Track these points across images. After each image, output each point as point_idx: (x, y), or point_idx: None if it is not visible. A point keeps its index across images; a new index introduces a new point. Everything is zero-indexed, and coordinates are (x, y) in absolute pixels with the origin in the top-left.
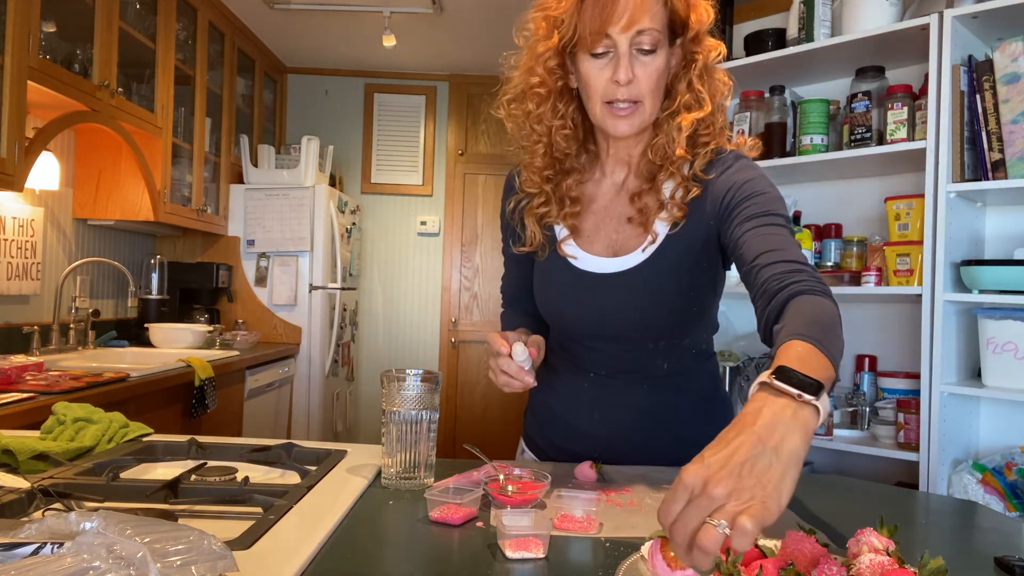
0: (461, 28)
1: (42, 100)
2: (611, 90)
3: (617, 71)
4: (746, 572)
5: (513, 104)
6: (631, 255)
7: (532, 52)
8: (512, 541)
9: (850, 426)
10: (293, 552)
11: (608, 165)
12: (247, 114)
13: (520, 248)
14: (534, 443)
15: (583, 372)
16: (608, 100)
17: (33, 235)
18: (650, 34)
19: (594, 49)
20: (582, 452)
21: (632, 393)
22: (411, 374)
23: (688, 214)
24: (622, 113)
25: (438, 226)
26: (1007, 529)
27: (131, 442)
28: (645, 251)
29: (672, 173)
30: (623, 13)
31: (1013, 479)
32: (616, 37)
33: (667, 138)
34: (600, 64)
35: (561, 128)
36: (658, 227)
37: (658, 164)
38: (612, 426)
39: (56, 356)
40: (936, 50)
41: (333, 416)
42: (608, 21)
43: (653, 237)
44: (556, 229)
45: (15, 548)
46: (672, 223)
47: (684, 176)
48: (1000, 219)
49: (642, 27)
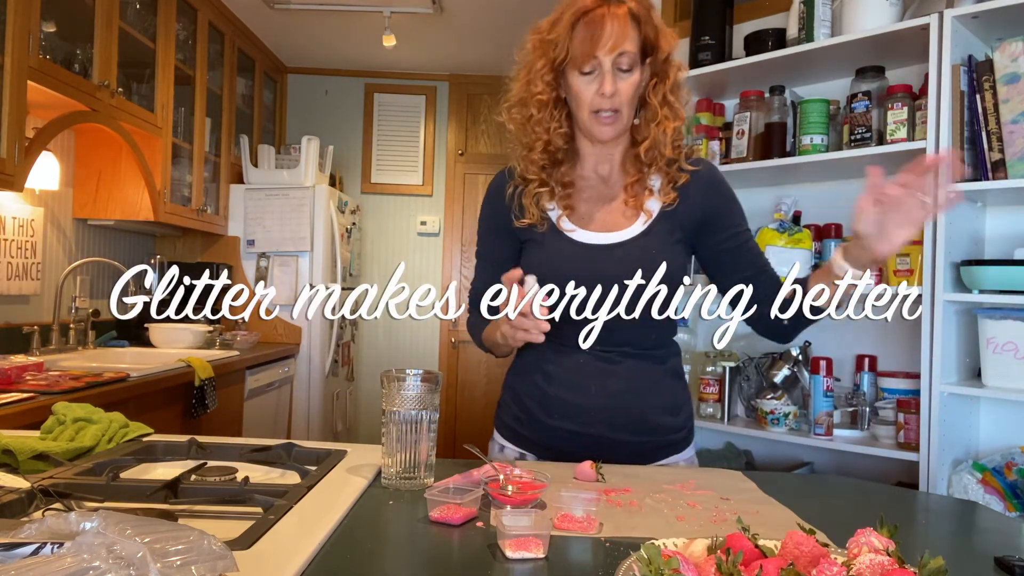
0: (461, 28)
1: (42, 100)
2: (597, 101)
3: (603, 85)
4: (746, 572)
5: (514, 110)
6: (626, 229)
7: (531, 68)
8: (512, 541)
9: (850, 426)
10: (293, 552)
11: (591, 161)
12: (247, 114)
13: (521, 221)
14: (515, 432)
15: (578, 349)
16: (595, 110)
17: (33, 235)
18: (628, 56)
19: (583, 68)
20: (575, 428)
21: (624, 365)
22: (411, 374)
23: (678, 198)
24: (606, 121)
25: (438, 226)
26: (1007, 529)
27: (131, 442)
28: (644, 224)
29: (658, 168)
30: (608, 39)
31: (1013, 479)
32: (602, 58)
33: (656, 141)
34: (587, 80)
35: (558, 129)
36: (651, 205)
37: (649, 163)
38: (607, 399)
39: (56, 356)
40: (936, 50)
41: (333, 416)
42: (596, 46)
43: (648, 215)
44: (552, 214)
45: (15, 548)
46: (664, 203)
47: (669, 171)
48: (1000, 219)
49: (623, 50)
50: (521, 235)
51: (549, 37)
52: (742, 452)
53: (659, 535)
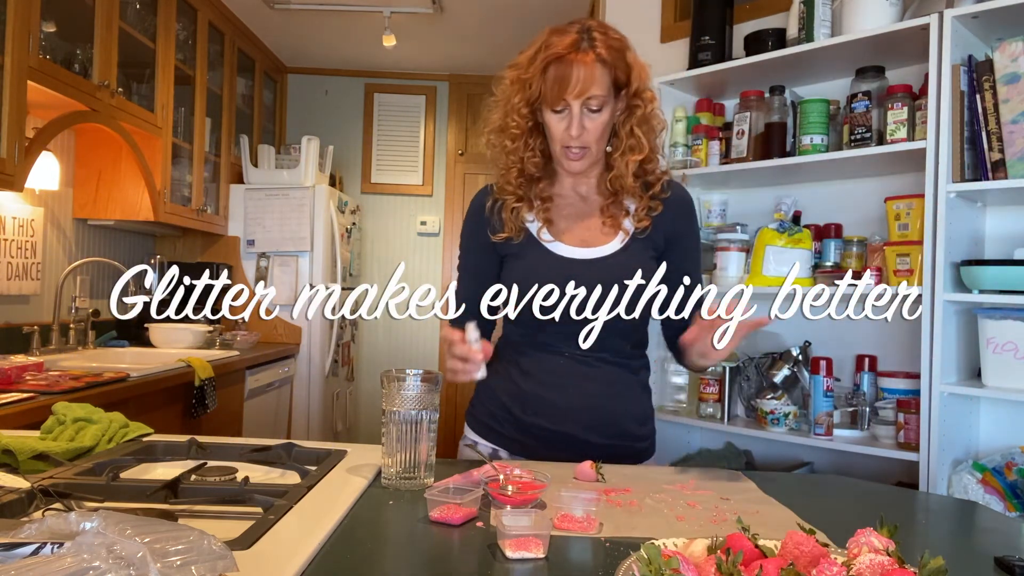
0: (461, 28)
1: (42, 100)
2: (566, 138)
3: (570, 127)
4: (746, 572)
5: (493, 136)
6: (604, 246)
7: (507, 101)
8: (512, 541)
9: (850, 426)
10: (293, 552)
11: (569, 181)
12: (247, 114)
13: (500, 236)
14: (488, 427)
15: (557, 352)
16: (565, 145)
17: (33, 235)
18: (597, 99)
19: (554, 108)
20: (548, 425)
21: (601, 370)
22: (411, 374)
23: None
24: (574, 157)
25: (438, 226)
26: (1007, 529)
27: (131, 442)
28: (621, 242)
29: (632, 194)
30: (576, 85)
31: (1013, 479)
32: (571, 102)
33: (619, 172)
34: (559, 118)
35: (531, 158)
36: (627, 225)
37: (613, 190)
38: (583, 400)
39: (56, 356)
40: (936, 50)
41: (333, 416)
42: (564, 90)
43: (625, 232)
44: (531, 226)
45: (15, 548)
46: (637, 229)
47: (644, 196)
48: (1000, 219)
49: (591, 95)
50: (501, 249)
51: (525, 76)
52: (742, 452)
53: (659, 535)
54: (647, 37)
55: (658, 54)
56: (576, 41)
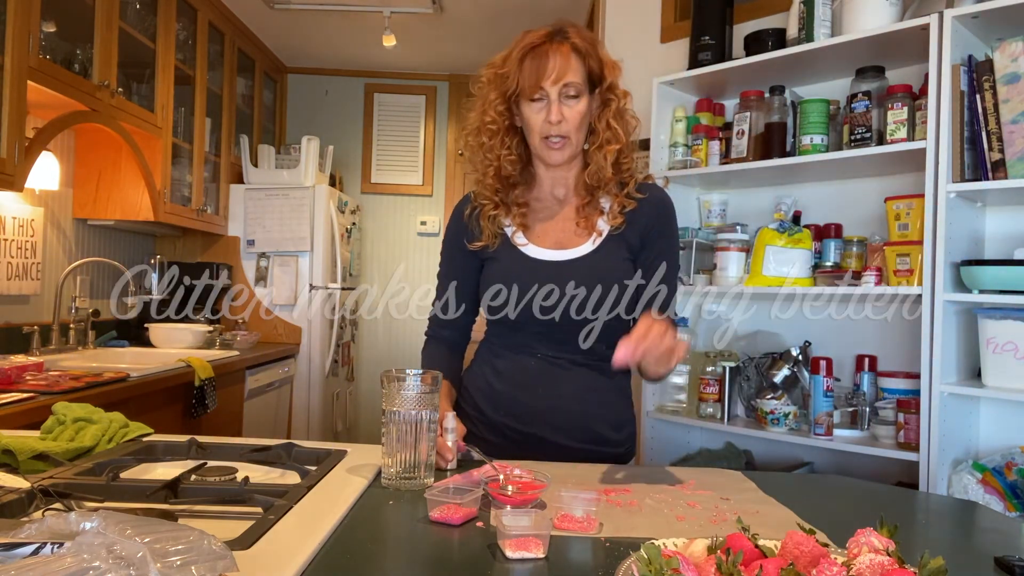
0: (461, 28)
1: (42, 100)
2: (546, 128)
3: (550, 113)
4: (746, 572)
5: (471, 137)
6: (578, 248)
7: (485, 99)
8: (512, 541)
9: (850, 426)
10: (293, 552)
11: (547, 184)
12: (247, 114)
13: (476, 244)
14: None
15: (530, 354)
16: (544, 136)
17: (33, 235)
18: (573, 86)
19: (532, 97)
20: (518, 426)
21: (573, 372)
22: (411, 374)
23: (626, 222)
24: (555, 146)
25: (438, 226)
26: (1007, 529)
27: (131, 442)
28: (593, 243)
29: (607, 191)
30: (552, 71)
31: (1013, 479)
32: (548, 88)
33: (598, 165)
34: (537, 108)
35: (507, 156)
36: (601, 226)
37: (595, 185)
38: (553, 401)
39: (56, 356)
40: (936, 50)
41: (333, 416)
42: (541, 77)
43: (599, 233)
44: (507, 230)
45: (15, 548)
46: (612, 226)
47: (619, 194)
48: (1000, 219)
49: (567, 81)
50: (480, 254)
51: (502, 71)
52: (742, 452)
53: (659, 535)
54: (647, 37)
55: (658, 54)
56: (551, 33)
